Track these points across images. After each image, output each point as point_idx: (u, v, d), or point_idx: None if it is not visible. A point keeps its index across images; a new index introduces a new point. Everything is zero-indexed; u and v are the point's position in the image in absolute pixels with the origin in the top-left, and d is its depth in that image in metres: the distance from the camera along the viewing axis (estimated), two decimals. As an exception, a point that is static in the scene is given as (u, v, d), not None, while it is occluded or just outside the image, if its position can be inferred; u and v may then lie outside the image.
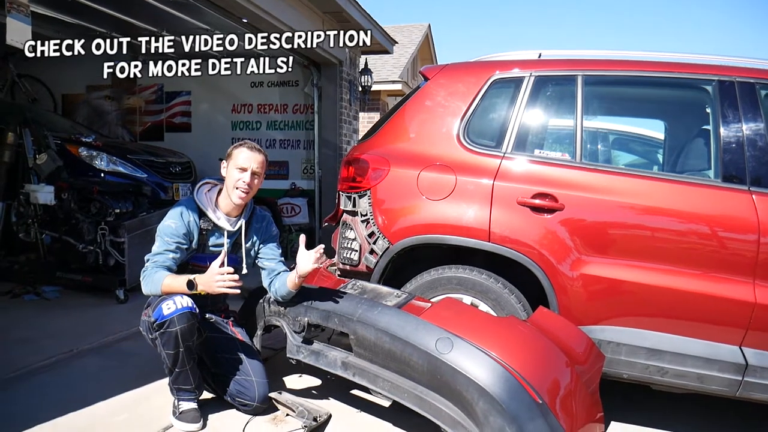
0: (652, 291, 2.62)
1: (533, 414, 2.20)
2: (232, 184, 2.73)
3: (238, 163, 2.72)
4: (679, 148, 3.35)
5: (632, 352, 2.65)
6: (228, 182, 2.75)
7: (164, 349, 2.52)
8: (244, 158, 2.73)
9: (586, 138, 2.98)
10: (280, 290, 2.76)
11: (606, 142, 4.11)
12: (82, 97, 8.43)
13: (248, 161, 2.72)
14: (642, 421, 2.88)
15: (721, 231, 2.58)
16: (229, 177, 2.74)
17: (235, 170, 2.72)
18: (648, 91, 3.29)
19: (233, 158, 2.75)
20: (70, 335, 3.67)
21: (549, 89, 2.99)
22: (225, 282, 2.47)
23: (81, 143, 5.49)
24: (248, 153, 2.74)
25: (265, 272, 2.87)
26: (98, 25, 6.23)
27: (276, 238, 2.96)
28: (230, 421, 2.65)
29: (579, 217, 2.71)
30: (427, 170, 2.91)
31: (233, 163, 2.73)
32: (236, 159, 2.73)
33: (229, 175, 2.74)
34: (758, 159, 2.61)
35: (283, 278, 2.77)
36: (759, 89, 2.70)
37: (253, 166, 2.72)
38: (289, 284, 2.70)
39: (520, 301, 2.80)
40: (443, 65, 3.22)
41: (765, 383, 2.52)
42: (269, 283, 2.83)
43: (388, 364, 2.46)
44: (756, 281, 2.51)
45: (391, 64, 13.34)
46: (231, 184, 2.73)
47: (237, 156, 2.74)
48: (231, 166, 2.74)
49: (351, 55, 7.74)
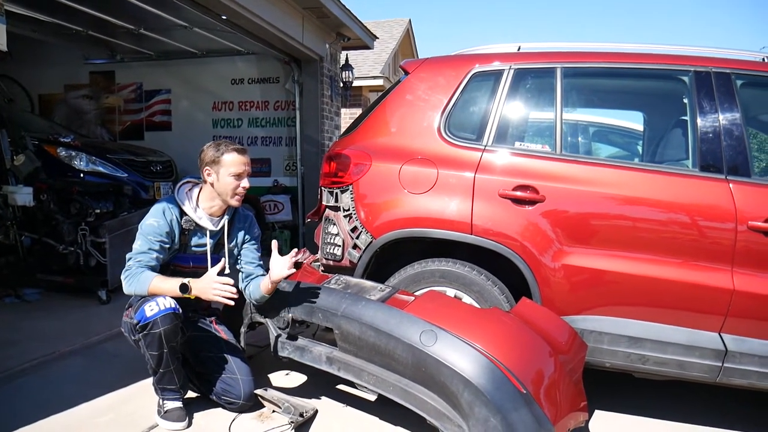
0: (633, 280, 2.65)
1: (517, 404, 2.22)
2: (229, 191, 2.67)
3: (232, 171, 2.65)
4: (657, 138, 3.39)
5: (614, 340, 2.68)
6: (222, 189, 2.68)
7: (148, 350, 2.50)
8: (238, 164, 2.66)
9: (566, 130, 3.00)
10: (254, 294, 2.76)
11: (586, 133, 4.15)
12: (60, 97, 8.33)
13: (242, 166, 2.68)
14: (625, 409, 2.92)
15: (700, 220, 2.61)
16: (224, 184, 2.67)
17: (230, 178, 2.65)
18: (626, 83, 3.32)
19: (224, 165, 2.65)
20: (52, 337, 3.63)
21: (528, 82, 3.01)
22: (224, 292, 2.47)
23: (59, 143, 5.41)
24: (240, 158, 2.68)
25: (242, 275, 2.85)
26: (74, 23, 6.17)
27: (257, 239, 2.94)
28: (216, 420, 2.64)
29: (560, 209, 2.73)
30: (409, 164, 2.91)
31: (226, 171, 2.65)
32: (229, 166, 2.65)
33: (224, 181, 2.66)
34: (734, 148, 2.65)
35: (257, 282, 2.75)
36: (735, 79, 2.73)
37: (247, 169, 2.71)
38: (263, 289, 2.68)
39: (503, 292, 2.81)
40: (423, 59, 3.23)
41: (744, 368, 2.56)
42: (244, 287, 2.81)
43: (373, 357, 2.47)
44: (734, 268, 2.55)
45: (372, 60, 13.33)
46: (228, 191, 2.67)
47: (228, 163, 2.65)
48: (224, 173, 2.66)
49: (331, 51, 7.72)
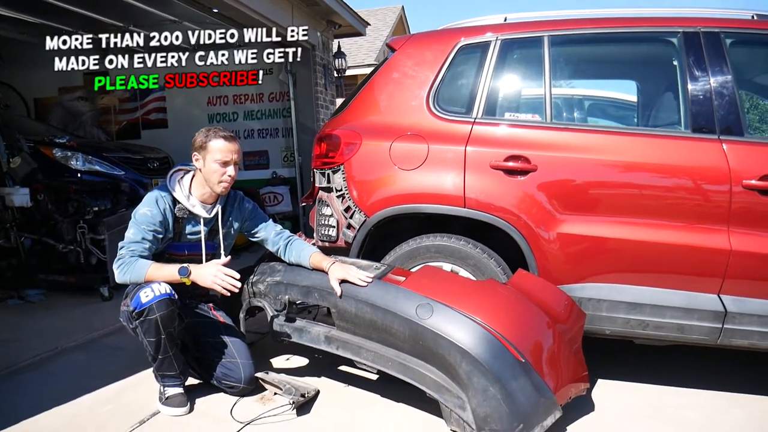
0: (630, 245, 2.63)
1: (516, 372, 2.22)
2: (215, 178, 2.65)
3: (217, 157, 2.63)
4: (649, 102, 3.36)
5: (613, 307, 2.66)
6: (209, 176, 2.67)
7: (145, 337, 2.50)
8: (224, 151, 2.64)
9: (556, 98, 2.98)
10: (295, 260, 2.79)
11: (576, 101, 4.10)
12: (55, 100, 8.34)
13: (229, 154, 2.65)
14: (627, 377, 2.90)
15: (694, 181, 2.59)
16: (210, 171, 2.65)
17: (215, 164, 2.63)
18: (614, 48, 3.27)
19: (210, 151, 2.64)
20: (55, 334, 3.64)
21: (516, 52, 2.98)
22: (224, 283, 2.48)
23: (55, 144, 5.44)
24: (227, 145, 2.65)
25: (268, 243, 2.90)
26: (63, 23, 6.15)
27: (255, 209, 2.94)
28: (218, 404, 2.64)
29: (552, 177, 2.71)
30: (399, 141, 2.89)
31: (212, 157, 2.64)
32: (214, 153, 2.63)
33: (210, 168, 2.65)
34: (726, 108, 2.61)
35: (300, 249, 2.78)
36: (724, 38, 2.70)
37: (234, 158, 2.68)
38: (312, 264, 2.71)
39: (500, 265, 2.80)
40: (409, 36, 3.21)
41: (744, 329, 2.54)
42: (283, 251, 2.84)
43: (371, 334, 2.47)
44: (730, 228, 2.53)
45: (367, 48, 13.29)
46: (214, 178, 2.66)
47: (214, 149, 2.64)
48: (209, 160, 2.64)
49: (323, 39, 7.70)
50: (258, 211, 2.95)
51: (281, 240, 2.85)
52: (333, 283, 2.54)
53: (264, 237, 2.90)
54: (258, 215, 2.94)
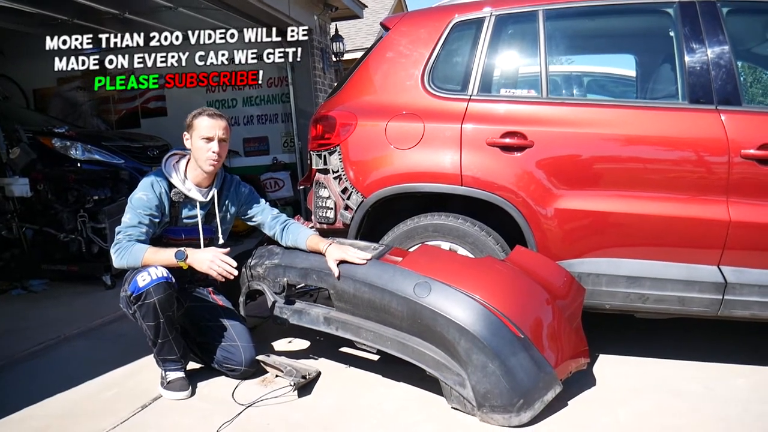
0: (629, 219, 2.62)
1: (515, 348, 2.22)
2: (201, 156, 2.66)
3: (202, 134, 2.65)
4: (645, 74, 3.32)
5: (612, 281, 2.65)
6: (196, 154, 2.69)
7: (144, 321, 2.51)
8: (207, 127, 2.66)
9: (552, 74, 2.94)
10: (292, 243, 2.78)
11: (572, 76, 4.07)
12: (54, 91, 8.30)
13: (212, 129, 2.66)
14: (629, 351, 2.90)
15: (692, 152, 2.57)
16: (196, 149, 2.67)
17: (200, 141, 2.65)
18: (610, 21, 3.23)
19: (195, 128, 2.67)
20: (58, 323, 3.66)
21: (510, 27, 2.94)
22: (220, 269, 2.48)
23: (54, 134, 5.46)
24: (210, 121, 2.67)
25: (265, 227, 2.89)
26: (59, 12, 6.11)
27: (251, 193, 2.95)
28: (219, 387, 2.66)
29: (549, 153, 2.69)
30: (395, 120, 2.87)
31: (197, 134, 2.66)
32: (199, 129, 2.66)
33: (196, 146, 2.67)
34: (723, 77, 2.58)
35: (296, 233, 2.77)
36: (720, 7, 2.66)
37: (219, 134, 2.67)
38: (309, 246, 2.70)
39: (498, 242, 2.79)
40: (403, 14, 3.19)
41: (745, 299, 2.53)
42: (280, 235, 2.83)
43: (369, 314, 2.47)
44: (729, 199, 2.51)
45: (365, 31, 13.15)
46: (200, 156, 2.67)
47: (199, 126, 2.66)
48: (195, 137, 2.67)
49: (320, 23, 7.63)
50: (254, 195, 2.95)
51: (278, 224, 2.84)
52: (330, 264, 2.54)
53: (261, 221, 2.90)
54: (254, 199, 2.93)
